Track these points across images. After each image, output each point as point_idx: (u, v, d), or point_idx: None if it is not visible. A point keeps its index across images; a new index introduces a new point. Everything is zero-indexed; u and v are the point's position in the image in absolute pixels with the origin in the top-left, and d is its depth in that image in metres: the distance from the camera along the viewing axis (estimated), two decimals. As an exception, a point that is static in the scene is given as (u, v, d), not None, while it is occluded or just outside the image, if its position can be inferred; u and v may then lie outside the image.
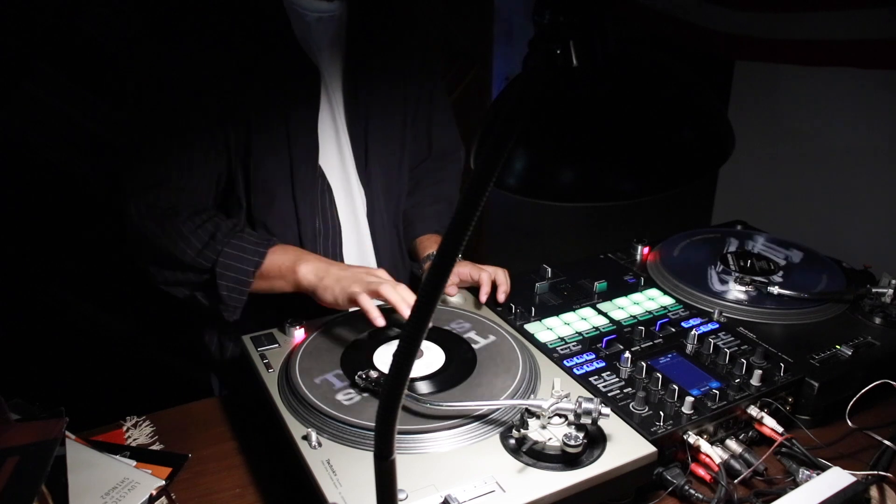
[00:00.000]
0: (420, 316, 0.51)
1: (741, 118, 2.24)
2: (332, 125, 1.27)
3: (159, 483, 1.00)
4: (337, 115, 1.27)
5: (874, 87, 1.90)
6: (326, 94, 1.24)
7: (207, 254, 1.14)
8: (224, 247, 1.14)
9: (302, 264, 1.14)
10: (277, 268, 1.15)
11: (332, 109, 1.26)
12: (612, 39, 0.60)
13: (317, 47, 1.21)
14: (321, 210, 1.30)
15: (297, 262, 1.15)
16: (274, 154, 1.21)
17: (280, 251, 1.17)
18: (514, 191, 0.62)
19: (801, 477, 0.95)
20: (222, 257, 1.14)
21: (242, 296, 1.17)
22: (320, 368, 1.07)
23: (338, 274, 1.13)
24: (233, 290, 1.16)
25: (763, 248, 1.47)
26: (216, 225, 1.16)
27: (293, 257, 1.16)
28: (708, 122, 0.64)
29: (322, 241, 1.32)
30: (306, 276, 1.14)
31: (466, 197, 0.48)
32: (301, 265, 1.14)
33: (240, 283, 1.15)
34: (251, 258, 1.15)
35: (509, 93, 0.68)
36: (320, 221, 1.30)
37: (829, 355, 1.13)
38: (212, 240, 1.14)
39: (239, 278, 1.15)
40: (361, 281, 1.10)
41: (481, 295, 1.27)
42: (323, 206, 1.30)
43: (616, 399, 1.02)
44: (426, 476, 0.87)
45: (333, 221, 1.32)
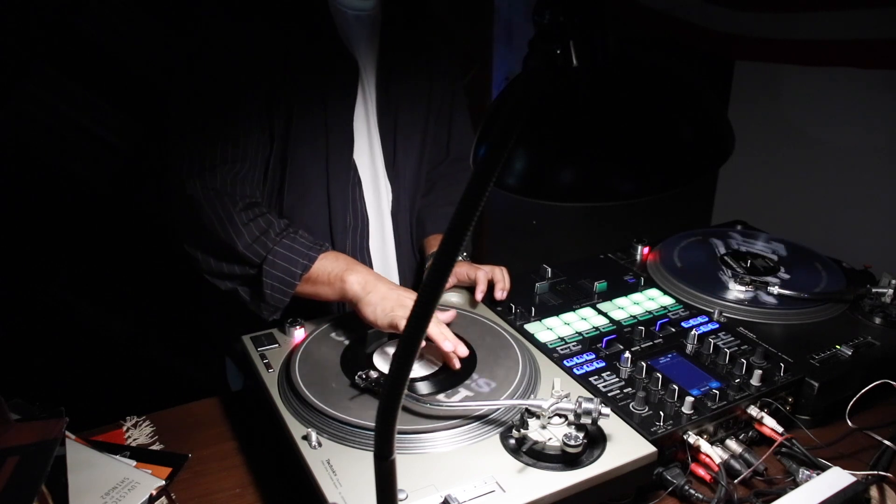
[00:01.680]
0: (420, 316, 0.51)
1: (741, 118, 2.23)
2: (365, 119, 1.29)
3: (159, 483, 1.00)
4: (370, 108, 1.29)
5: (874, 87, 1.90)
6: (361, 87, 1.26)
7: (257, 248, 1.14)
8: (275, 245, 1.14)
9: (351, 274, 1.13)
10: (326, 274, 1.15)
11: (366, 103, 1.28)
12: (612, 39, 0.59)
13: (354, 43, 1.24)
14: (352, 203, 1.31)
15: (346, 272, 1.14)
16: (312, 144, 1.23)
17: (332, 258, 1.16)
18: (514, 191, 0.62)
19: (801, 477, 0.95)
20: (271, 255, 1.14)
21: (286, 297, 1.16)
22: (320, 368, 1.07)
23: (384, 292, 1.11)
24: (276, 290, 1.15)
25: (762, 248, 1.47)
26: (269, 221, 1.17)
27: (343, 266, 1.15)
28: (708, 122, 0.64)
29: (351, 233, 1.33)
30: (353, 286, 1.12)
31: (466, 197, 0.48)
32: (350, 275, 1.13)
33: (285, 283, 1.15)
34: (301, 260, 1.15)
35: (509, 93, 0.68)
36: (350, 215, 1.32)
37: (829, 355, 1.13)
38: (264, 235, 1.15)
39: (285, 278, 1.14)
40: (406, 307, 1.08)
41: (476, 293, 1.27)
42: (353, 199, 1.31)
43: (616, 399, 1.02)
44: (426, 476, 0.87)
45: (362, 215, 1.34)
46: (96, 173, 2.03)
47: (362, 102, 1.28)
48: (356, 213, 1.33)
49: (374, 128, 1.31)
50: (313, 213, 1.29)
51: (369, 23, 1.25)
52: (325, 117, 1.22)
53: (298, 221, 1.27)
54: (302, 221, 1.28)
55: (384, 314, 1.08)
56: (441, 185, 1.50)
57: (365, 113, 1.29)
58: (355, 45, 1.24)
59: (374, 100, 1.29)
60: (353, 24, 1.23)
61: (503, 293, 1.28)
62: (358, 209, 1.33)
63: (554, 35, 0.56)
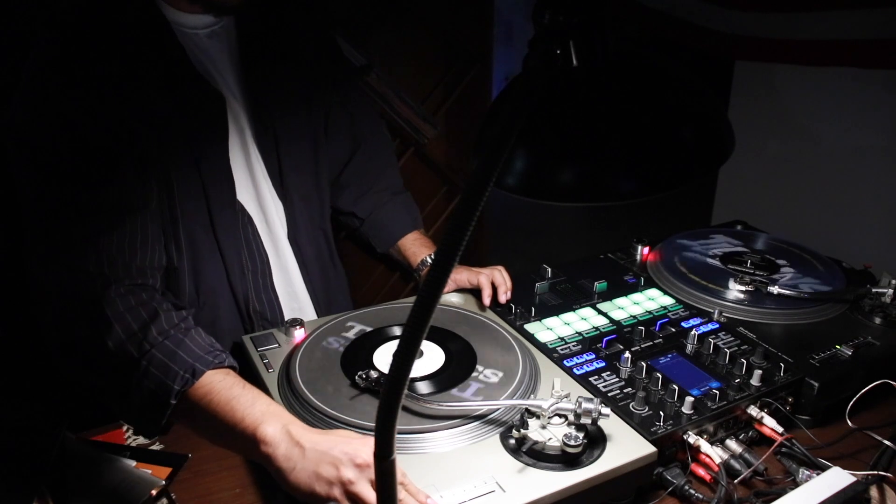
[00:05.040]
0: (420, 316, 0.51)
1: (741, 118, 2.23)
2: (242, 149, 1.18)
3: (159, 483, 1.00)
4: (245, 132, 1.18)
5: (874, 87, 1.90)
6: (233, 114, 1.15)
7: (130, 348, 0.91)
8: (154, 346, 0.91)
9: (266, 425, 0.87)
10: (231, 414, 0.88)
11: (241, 131, 1.17)
12: (611, 39, 0.59)
13: (215, 68, 1.12)
14: (245, 245, 1.21)
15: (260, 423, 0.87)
16: (194, 201, 1.10)
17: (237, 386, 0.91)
18: (514, 191, 0.62)
19: (801, 477, 0.95)
20: (147, 359, 0.90)
21: (157, 422, 0.91)
22: (320, 368, 1.07)
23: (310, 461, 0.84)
24: (143, 411, 0.91)
25: (763, 248, 1.47)
26: (153, 313, 0.94)
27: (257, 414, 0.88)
28: (708, 122, 0.64)
29: (251, 277, 1.23)
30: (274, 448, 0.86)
31: (466, 197, 0.48)
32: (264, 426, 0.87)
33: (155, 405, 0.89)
34: (181, 372, 0.90)
35: (509, 93, 0.69)
36: (246, 257, 1.21)
37: (829, 355, 1.13)
38: (143, 329, 0.91)
39: (155, 399, 0.89)
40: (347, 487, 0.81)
41: (484, 298, 1.27)
42: (247, 239, 1.21)
43: (616, 399, 1.02)
44: (426, 476, 0.87)
45: (260, 253, 1.23)
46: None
47: (236, 131, 1.16)
48: (252, 255, 1.22)
49: (255, 152, 1.19)
50: (208, 269, 1.16)
51: (225, 36, 1.13)
52: (199, 166, 1.09)
53: (202, 282, 1.16)
54: (204, 281, 1.16)
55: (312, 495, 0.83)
56: (370, 179, 1.42)
57: (241, 142, 1.17)
58: (215, 68, 1.12)
59: (248, 123, 1.17)
60: (208, 45, 1.11)
61: (507, 296, 1.27)
62: (254, 249, 1.22)
63: (554, 35, 0.56)
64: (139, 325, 0.92)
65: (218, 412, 0.89)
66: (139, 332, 0.91)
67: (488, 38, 2.58)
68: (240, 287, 1.21)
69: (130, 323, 0.92)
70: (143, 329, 0.92)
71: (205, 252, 1.15)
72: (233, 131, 1.15)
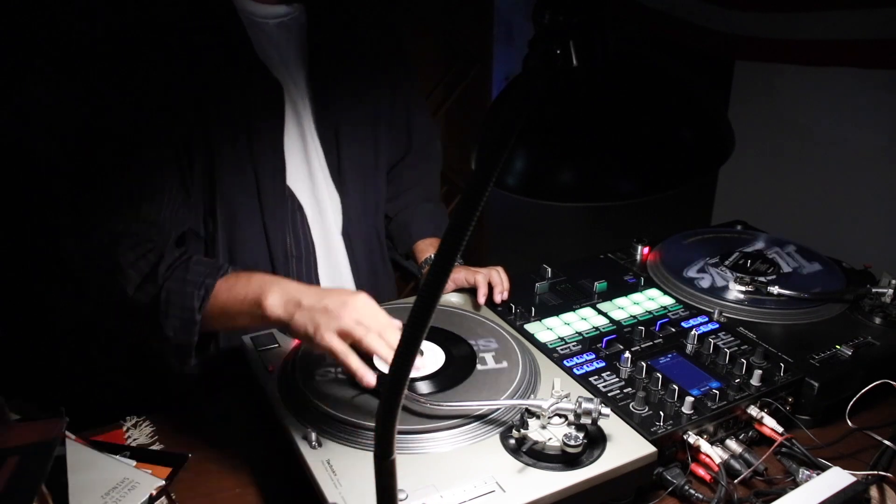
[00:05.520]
0: (420, 316, 0.51)
1: (741, 118, 2.23)
2: (300, 138, 1.20)
3: (159, 483, 1.00)
4: (305, 124, 1.20)
5: (874, 87, 1.90)
6: (293, 105, 1.17)
7: (148, 288, 1.01)
8: (166, 280, 1.01)
9: (268, 296, 0.97)
10: (240, 302, 0.99)
11: (300, 120, 1.19)
12: (611, 39, 0.59)
13: (280, 57, 1.15)
14: (292, 231, 1.22)
15: (261, 295, 0.97)
16: (239, 180, 1.13)
17: (241, 281, 1.01)
18: (514, 191, 0.62)
19: (801, 477, 0.95)
20: (164, 292, 1.00)
21: (192, 335, 1.01)
22: (320, 368, 1.07)
23: (309, 305, 0.95)
24: (180, 331, 1.01)
25: (763, 248, 1.47)
26: (159, 255, 1.03)
27: (256, 289, 0.98)
28: (708, 122, 0.64)
29: (295, 263, 1.24)
30: (274, 311, 0.96)
31: (466, 197, 0.48)
32: (267, 297, 0.97)
33: (186, 321, 1.00)
34: (196, 291, 1.00)
35: (509, 93, 0.68)
36: (292, 243, 1.22)
37: (829, 355, 1.13)
38: (153, 272, 1.01)
39: (184, 316, 1.00)
40: (338, 320, 0.93)
41: (479, 297, 1.27)
42: (294, 226, 1.22)
43: (616, 399, 1.02)
44: (426, 476, 0.87)
45: (307, 241, 1.25)
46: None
47: (295, 120, 1.18)
48: (298, 242, 1.23)
49: (314, 142, 1.22)
50: (251, 249, 1.19)
51: (295, 28, 1.16)
52: (251, 148, 1.12)
53: (239, 259, 1.19)
54: (241, 258, 1.19)
55: (319, 336, 0.94)
56: (409, 183, 1.45)
57: (299, 131, 1.20)
58: (281, 57, 1.16)
59: (310, 112, 1.20)
60: (277, 36, 1.15)
61: (502, 296, 1.27)
62: (300, 237, 1.24)
63: (554, 35, 0.56)
64: (150, 269, 1.02)
65: (229, 305, 1.01)
66: (151, 274, 1.01)
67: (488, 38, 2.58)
68: (282, 271, 1.23)
69: (142, 268, 1.02)
70: (153, 271, 1.02)
71: (247, 231, 1.18)
72: (291, 120, 1.18)
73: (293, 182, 1.21)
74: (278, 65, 1.15)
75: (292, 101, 1.17)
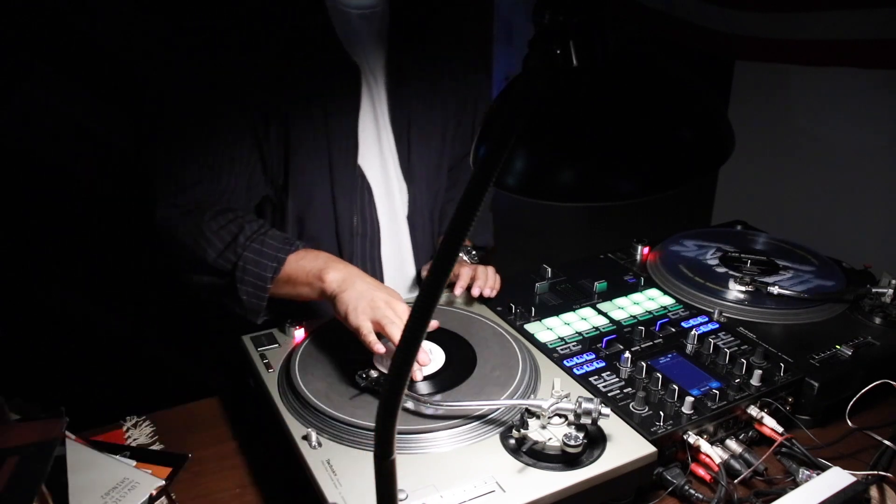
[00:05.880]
0: (420, 316, 0.51)
1: (741, 118, 2.23)
2: (374, 122, 1.27)
3: (159, 483, 1.00)
4: (379, 111, 1.27)
5: (874, 87, 1.90)
6: (368, 90, 1.24)
7: (228, 255, 1.13)
8: (245, 250, 1.12)
9: (329, 272, 1.10)
10: (305, 274, 1.12)
11: (374, 106, 1.26)
12: (611, 39, 0.59)
13: (360, 45, 1.22)
14: (360, 209, 1.29)
15: (324, 270, 1.10)
16: (313, 154, 1.21)
17: (311, 257, 1.13)
18: (514, 191, 0.62)
19: (801, 477, 0.95)
20: (242, 261, 1.12)
21: (262, 300, 1.14)
22: (320, 368, 1.07)
23: (361, 290, 1.07)
24: (252, 295, 1.14)
25: (763, 248, 1.47)
26: (240, 226, 1.14)
27: (321, 264, 1.11)
28: (708, 122, 0.64)
29: (360, 240, 1.31)
30: (330, 284, 1.09)
31: (466, 197, 0.48)
32: (328, 273, 1.10)
33: (258, 287, 1.13)
34: (270, 263, 1.12)
35: (509, 93, 0.68)
36: (359, 220, 1.29)
37: (829, 355, 1.13)
38: (234, 241, 1.13)
39: (257, 283, 1.12)
40: (377, 309, 1.05)
41: (455, 287, 1.28)
42: (362, 205, 1.29)
43: (616, 399, 1.02)
44: (426, 476, 0.87)
45: (372, 221, 1.31)
46: (96, 173, 2.03)
47: (370, 105, 1.25)
48: (365, 220, 1.30)
49: (386, 129, 1.28)
50: (319, 221, 1.27)
51: (377, 20, 1.23)
52: (326, 125, 1.20)
53: (306, 229, 1.27)
54: (309, 229, 1.27)
55: (354, 315, 1.04)
56: (463, 181, 1.48)
57: (374, 116, 1.26)
58: (361, 45, 1.22)
59: (385, 100, 1.26)
60: (359, 24, 1.21)
61: (487, 292, 1.27)
62: (367, 216, 1.30)
63: (554, 35, 0.56)
64: (231, 238, 1.13)
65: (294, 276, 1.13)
66: (232, 243, 1.13)
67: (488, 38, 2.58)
68: (346, 247, 1.29)
69: (224, 237, 1.14)
70: (234, 240, 1.13)
71: (317, 205, 1.25)
72: (366, 105, 1.24)
73: (364, 163, 1.27)
74: (358, 52, 1.22)
75: (368, 87, 1.24)
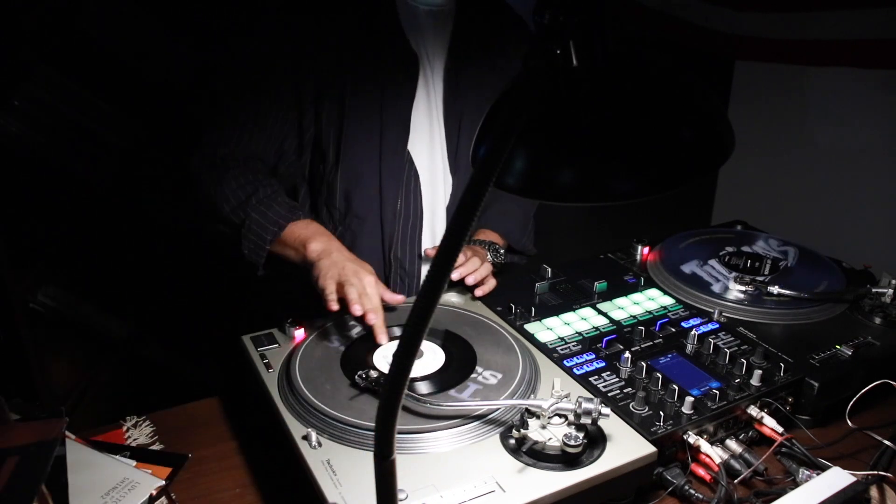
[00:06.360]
0: (420, 316, 0.51)
1: (741, 118, 2.24)
2: (427, 113, 1.32)
3: (159, 483, 1.00)
4: (434, 102, 1.32)
5: (874, 87, 1.90)
6: (425, 81, 1.29)
7: (238, 213, 1.24)
8: (253, 211, 1.23)
9: (313, 241, 1.20)
10: (294, 238, 1.22)
11: (430, 97, 1.31)
12: (611, 39, 0.59)
13: (423, 38, 1.28)
14: (405, 194, 1.34)
15: (309, 239, 1.20)
16: (365, 135, 1.27)
17: (302, 225, 1.23)
18: (514, 191, 0.62)
19: (801, 477, 0.95)
20: (249, 220, 1.23)
21: (260, 258, 1.25)
22: (320, 368, 1.07)
23: (334, 259, 1.17)
24: (252, 251, 1.25)
25: (763, 248, 1.47)
26: (255, 188, 1.24)
27: (309, 233, 1.21)
28: (708, 122, 0.64)
29: (402, 223, 1.36)
30: (311, 253, 1.19)
31: (466, 197, 0.48)
32: (311, 242, 1.19)
33: (258, 246, 1.24)
34: (271, 227, 1.22)
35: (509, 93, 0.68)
36: (402, 204, 1.34)
37: (829, 355, 1.13)
38: (246, 201, 1.23)
39: (258, 242, 1.23)
40: (342, 275, 1.14)
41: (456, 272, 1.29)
42: (408, 190, 1.34)
43: (616, 399, 1.02)
44: (426, 476, 0.87)
45: (416, 206, 1.36)
46: (96, 173, 2.03)
47: (425, 96, 1.30)
48: (408, 204, 1.35)
49: (438, 122, 1.33)
50: (365, 200, 1.32)
51: (442, 17, 1.29)
52: (381, 110, 1.26)
53: (353, 206, 1.33)
54: (355, 206, 1.33)
55: (322, 278, 1.14)
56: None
57: (428, 107, 1.31)
58: (424, 38, 1.28)
59: (441, 93, 1.31)
60: (424, 19, 1.27)
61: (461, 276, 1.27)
62: (412, 201, 1.35)
63: (554, 35, 0.56)
64: (244, 198, 1.24)
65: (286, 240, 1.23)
66: (243, 202, 1.24)
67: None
68: (388, 228, 1.35)
69: (239, 196, 1.24)
70: (246, 200, 1.24)
71: (365, 184, 1.31)
72: (421, 94, 1.30)
73: (414, 150, 1.32)
74: (420, 44, 1.28)
75: (426, 78, 1.29)
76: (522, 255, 1.56)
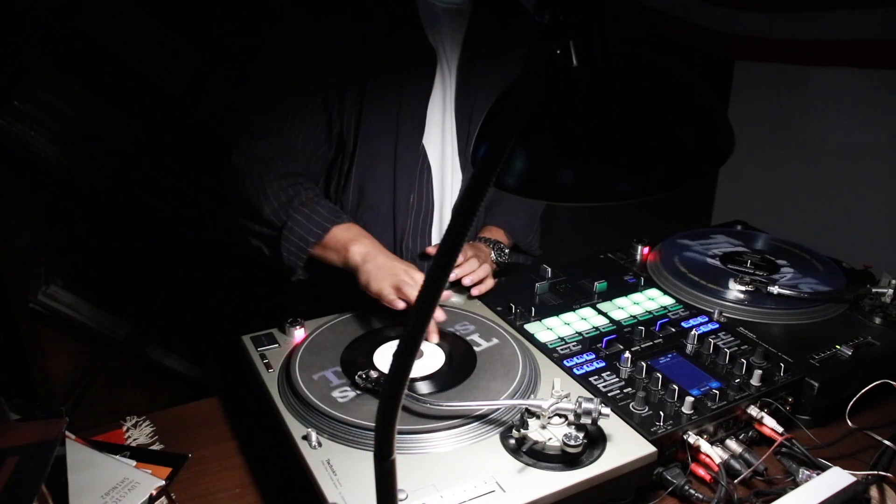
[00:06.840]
0: (420, 316, 0.51)
1: (741, 118, 2.23)
2: (441, 108, 1.33)
3: (159, 483, 1.00)
4: (448, 98, 1.33)
5: (874, 87, 1.90)
6: (441, 76, 1.31)
7: (280, 214, 1.24)
8: (296, 213, 1.23)
9: (355, 244, 1.21)
10: (335, 242, 1.23)
11: (444, 92, 1.33)
12: (612, 39, 0.59)
13: (440, 34, 1.29)
14: (418, 187, 1.36)
15: (351, 242, 1.21)
16: (382, 127, 1.29)
17: (344, 228, 1.24)
18: (514, 191, 0.62)
19: (801, 477, 0.95)
20: (291, 221, 1.23)
21: (300, 260, 1.25)
22: (320, 368, 1.07)
23: (381, 263, 1.18)
24: (292, 254, 1.25)
25: (763, 248, 1.47)
26: (297, 191, 1.25)
27: (351, 236, 1.22)
28: (708, 122, 0.64)
29: (413, 216, 1.37)
30: (354, 256, 1.20)
31: (466, 196, 0.48)
32: (354, 245, 1.21)
33: (300, 248, 1.24)
34: (315, 230, 1.23)
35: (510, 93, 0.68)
36: (415, 198, 1.36)
37: (829, 355, 1.13)
38: (288, 203, 1.23)
39: (300, 244, 1.23)
40: (396, 277, 1.14)
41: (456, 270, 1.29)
42: (420, 183, 1.36)
43: (616, 399, 1.02)
44: (426, 476, 0.87)
45: (428, 200, 1.38)
46: (96, 173, 2.03)
47: (440, 91, 1.32)
48: (420, 197, 1.37)
49: (450, 116, 1.35)
50: (379, 191, 1.34)
51: (459, 16, 1.30)
52: (399, 102, 1.27)
53: (366, 198, 1.34)
54: (369, 198, 1.34)
55: (375, 282, 1.15)
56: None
57: (442, 101, 1.33)
58: (441, 34, 1.29)
59: (454, 88, 1.33)
60: (442, 17, 1.28)
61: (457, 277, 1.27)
62: (424, 194, 1.37)
63: (554, 35, 0.56)
64: (287, 200, 1.24)
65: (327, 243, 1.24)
66: (286, 204, 1.24)
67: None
68: (401, 220, 1.37)
69: (281, 198, 1.24)
70: (289, 202, 1.24)
71: (379, 177, 1.32)
72: (437, 90, 1.32)
73: (428, 145, 1.34)
74: (437, 40, 1.29)
75: (442, 74, 1.31)
76: (528, 256, 1.56)
